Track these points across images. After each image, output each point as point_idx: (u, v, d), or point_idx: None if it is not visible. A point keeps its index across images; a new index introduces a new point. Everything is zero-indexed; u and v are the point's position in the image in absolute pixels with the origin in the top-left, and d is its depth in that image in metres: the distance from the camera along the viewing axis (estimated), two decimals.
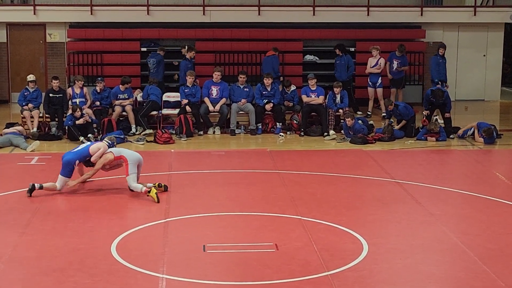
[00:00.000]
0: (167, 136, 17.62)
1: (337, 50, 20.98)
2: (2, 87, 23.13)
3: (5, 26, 22.90)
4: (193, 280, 9.00)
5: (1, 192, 12.98)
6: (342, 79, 20.58)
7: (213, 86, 18.97)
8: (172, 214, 11.66)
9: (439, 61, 20.30)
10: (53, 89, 18.61)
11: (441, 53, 20.40)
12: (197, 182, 13.81)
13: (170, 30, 22.64)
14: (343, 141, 17.76)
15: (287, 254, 9.89)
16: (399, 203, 12.41)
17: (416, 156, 16.38)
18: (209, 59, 22.36)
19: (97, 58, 22.36)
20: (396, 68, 20.84)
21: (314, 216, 11.50)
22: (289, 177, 14.09)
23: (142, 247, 10.18)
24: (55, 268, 9.33)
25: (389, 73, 20.98)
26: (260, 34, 22.74)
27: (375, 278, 9.15)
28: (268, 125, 19.00)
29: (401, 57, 20.91)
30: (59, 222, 11.29)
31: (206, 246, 10.17)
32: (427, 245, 10.29)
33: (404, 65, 21.06)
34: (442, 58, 20.38)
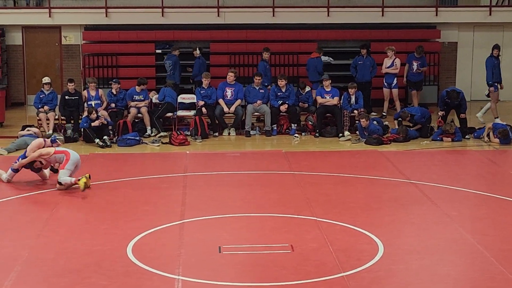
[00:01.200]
0: (183, 137, 17.65)
1: (363, 51, 20.89)
2: (18, 90, 23.24)
3: (20, 29, 23.01)
4: (208, 281, 9.00)
5: (17, 195, 13.04)
6: (365, 80, 20.52)
7: (227, 88, 18.99)
8: (187, 216, 11.68)
9: (494, 62, 20.01)
10: (69, 92, 18.69)
11: (495, 54, 20.10)
12: (212, 183, 13.83)
13: (185, 32, 22.68)
14: (358, 142, 17.73)
15: (302, 255, 9.88)
16: (415, 204, 12.38)
17: (431, 157, 16.33)
18: (224, 61, 22.39)
19: (112, 60, 22.42)
20: (416, 70, 20.79)
21: (329, 217, 11.49)
22: (304, 178, 14.08)
23: (157, 248, 10.20)
24: (71, 270, 9.37)
25: (405, 76, 20.91)
26: (275, 35, 22.74)
27: (391, 279, 9.13)
28: (283, 126, 19.00)
29: (420, 58, 20.88)
30: (75, 224, 11.33)
31: (221, 247, 10.18)
32: (443, 246, 10.26)
33: (424, 66, 21.02)
34: (496, 59, 20.12)
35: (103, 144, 17.25)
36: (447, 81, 23.33)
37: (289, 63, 22.50)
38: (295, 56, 22.41)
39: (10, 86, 23.03)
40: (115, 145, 17.51)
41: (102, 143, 17.25)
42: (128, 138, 17.60)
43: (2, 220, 11.66)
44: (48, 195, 12.94)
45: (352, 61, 21.20)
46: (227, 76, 19.06)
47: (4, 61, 22.87)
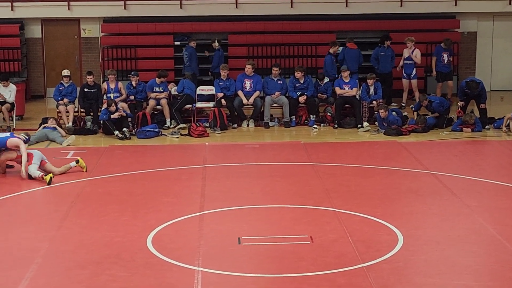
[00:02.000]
0: (202, 129, 17.68)
1: (387, 42, 20.74)
2: (37, 82, 23.34)
3: (40, 21, 23.09)
4: (228, 272, 9.03)
5: (38, 187, 13.11)
6: (387, 71, 20.44)
7: (246, 80, 18.99)
8: (207, 207, 11.70)
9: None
10: (88, 84, 18.76)
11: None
12: (231, 175, 13.85)
13: (203, 24, 22.68)
14: (377, 133, 17.69)
15: (322, 247, 9.89)
16: (435, 194, 12.35)
17: (451, 147, 16.27)
18: (242, 52, 22.38)
19: (131, 52, 22.47)
20: (447, 61, 20.68)
21: (349, 208, 11.48)
22: (323, 169, 14.07)
23: (177, 240, 10.23)
24: (92, 261, 9.42)
25: (434, 69, 20.73)
26: (293, 27, 22.69)
27: (410, 270, 9.12)
28: (302, 118, 18.98)
29: (448, 50, 20.75)
30: (95, 216, 11.39)
31: (241, 238, 10.20)
32: (463, 237, 10.23)
33: (452, 56, 20.92)
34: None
35: (123, 136, 17.30)
36: (466, 71, 23.20)
37: (307, 54, 22.45)
38: (313, 47, 22.35)
39: (30, 79, 23.13)
40: (134, 137, 17.56)
41: (121, 135, 17.30)
42: (147, 130, 17.65)
43: (22, 212, 11.75)
44: (68, 187, 13.01)
45: (373, 52, 21.09)
46: (245, 68, 19.05)
47: (23, 54, 22.97)
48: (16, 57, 22.50)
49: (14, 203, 12.30)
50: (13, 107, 18.88)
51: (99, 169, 14.26)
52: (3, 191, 12.85)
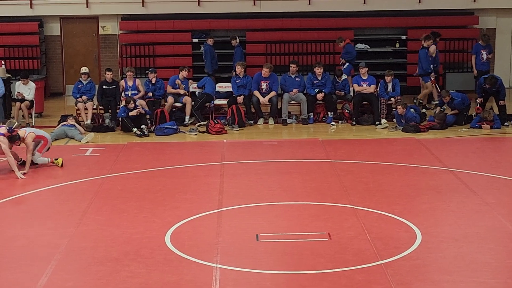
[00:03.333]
0: (220, 126, 17.71)
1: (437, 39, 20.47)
2: (56, 80, 23.45)
3: (58, 19, 23.19)
4: (246, 269, 9.05)
5: (57, 184, 13.19)
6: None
7: (262, 81, 18.91)
8: (225, 204, 11.73)
9: None
10: (107, 81, 18.83)
11: None
12: (249, 172, 13.87)
13: (221, 21, 22.71)
14: (395, 130, 17.66)
15: (340, 243, 9.89)
16: (453, 191, 12.31)
17: (469, 144, 16.22)
18: (260, 49, 22.39)
19: (149, 49, 22.53)
20: (486, 59, 20.42)
21: (367, 205, 11.47)
22: (341, 166, 14.07)
23: (196, 237, 10.27)
24: (111, 258, 9.47)
25: (475, 67, 20.49)
26: (311, 24, 22.68)
27: (429, 267, 9.10)
28: (320, 115, 18.97)
29: (487, 46, 20.52)
30: (114, 213, 11.44)
31: (259, 235, 10.22)
32: (481, 234, 10.20)
33: (491, 53, 20.67)
34: None
35: (141, 133, 17.37)
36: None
37: (325, 51, 22.43)
38: (331, 44, 22.32)
39: (49, 77, 23.25)
40: (153, 134, 17.62)
41: (139, 132, 17.36)
42: (166, 127, 17.69)
43: (42, 209, 11.82)
44: (87, 184, 13.08)
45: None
46: (262, 71, 18.93)
47: (42, 51, 23.09)
48: (35, 54, 22.62)
49: (34, 200, 12.38)
50: (33, 105, 18.99)
51: (117, 166, 14.32)
52: (22, 188, 12.93)
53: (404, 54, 22.52)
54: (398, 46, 22.68)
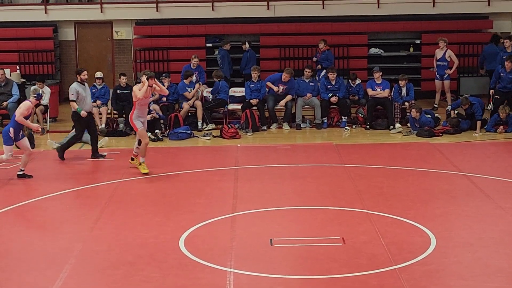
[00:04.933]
0: (233, 131, 17.72)
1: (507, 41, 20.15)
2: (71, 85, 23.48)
3: (73, 24, 23.30)
4: (260, 274, 9.05)
5: (72, 188, 13.23)
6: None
7: (280, 85, 18.90)
8: (239, 209, 11.73)
9: None
10: (121, 86, 18.88)
11: None
12: (263, 176, 13.86)
13: (235, 26, 22.74)
14: (409, 134, 17.62)
15: (354, 248, 9.87)
16: (468, 196, 12.27)
17: (484, 149, 16.16)
18: (274, 54, 22.40)
19: (163, 54, 22.59)
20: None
21: (381, 209, 11.45)
22: (355, 171, 14.05)
23: (209, 241, 10.27)
24: (125, 262, 9.49)
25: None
26: (325, 28, 22.67)
27: (443, 272, 9.07)
28: (334, 119, 18.96)
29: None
30: (128, 217, 11.46)
31: (273, 240, 10.21)
32: (497, 239, 10.16)
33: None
34: None
35: (155, 137, 17.40)
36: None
37: (339, 55, 22.41)
38: (345, 49, 22.32)
39: (63, 81, 23.32)
40: (167, 138, 17.65)
41: (154, 137, 17.39)
42: (180, 132, 17.72)
43: (57, 213, 11.86)
44: (101, 189, 13.11)
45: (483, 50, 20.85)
46: (283, 75, 18.88)
47: (57, 56, 23.19)
48: (49, 59, 22.72)
49: (49, 204, 12.41)
50: (47, 109, 19.07)
51: (131, 171, 14.35)
52: (38, 193, 12.97)
53: (418, 59, 22.48)
54: (412, 50, 22.64)
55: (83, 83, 15.64)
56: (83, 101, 15.46)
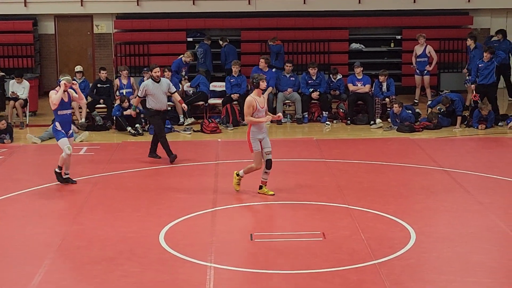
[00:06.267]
0: (214, 125, 17.71)
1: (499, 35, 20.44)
2: (50, 78, 23.37)
3: (53, 18, 23.14)
4: (240, 269, 9.05)
5: (51, 182, 13.15)
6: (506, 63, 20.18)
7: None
8: (219, 203, 11.72)
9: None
10: (101, 79, 18.81)
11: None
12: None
13: (216, 20, 22.68)
14: (389, 130, 17.67)
15: (334, 243, 9.89)
16: (448, 191, 12.33)
17: (464, 144, 16.24)
18: (255, 49, 22.36)
19: (144, 48, 22.49)
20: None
21: (361, 205, 11.48)
22: (336, 166, 14.07)
23: (190, 236, 10.26)
24: (105, 257, 9.46)
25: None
26: (306, 23, 22.65)
27: (423, 267, 9.11)
28: (315, 114, 18.97)
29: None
30: (108, 212, 11.42)
31: (253, 235, 10.22)
32: (476, 234, 10.21)
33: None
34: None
35: (135, 132, 17.35)
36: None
37: (320, 50, 22.41)
38: (326, 44, 22.32)
39: (43, 75, 23.18)
40: (147, 133, 17.59)
41: (134, 131, 17.35)
42: None
43: (36, 208, 11.79)
44: (81, 183, 13.05)
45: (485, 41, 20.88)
46: (259, 63, 18.98)
47: (37, 50, 23.03)
48: (29, 53, 22.56)
49: (28, 198, 12.34)
50: (27, 103, 18.96)
51: (112, 165, 14.30)
52: (17, 187, 12.90)
53: (399, 54, 22.51)
54: (393, 45, 22.67)
55: (156, 80, 14.58)
56: (154, 98, 14.47)
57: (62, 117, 12.93)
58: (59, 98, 12.76)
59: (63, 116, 12.93)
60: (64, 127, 12.92)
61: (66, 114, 12.96)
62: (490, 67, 17.96)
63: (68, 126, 13.01)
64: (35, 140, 16.64)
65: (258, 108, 11.95)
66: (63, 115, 12.93)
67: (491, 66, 17.97)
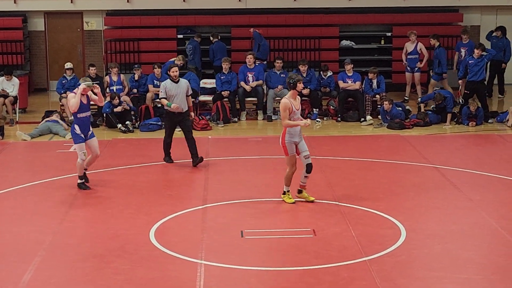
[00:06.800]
0: (204, 122, 17.69)
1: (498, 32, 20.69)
2: (40, 75, 23.34)
3: (43, 14, 23.08)
4: (231, 265, 9.05)
5: (41, 179, 13.13)
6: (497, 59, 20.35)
7: (248, 72, 18.93)
8: (210, 200, 11.72)
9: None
10: (90, 76, 18.77)
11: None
12: (234, 168, 13.85)
13: (206, 17, 22.66)
14: (380, 127, 17.69)
15: (325, 240, 9.90)
16: (438, 188, 12.35)
17: (454, 141, 16.27)
18: (245, 45, 22.34)
19: (134, 45, 22.45)
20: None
21: (352, 201, 11.49)
22: (326, 163, 14.08)
23: (180, 233, 10.26)
24: (96, 254, 9.44)
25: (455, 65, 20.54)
26: (296, 20, 22.66)
27: (413, 264, 9.13)
28: (305, 111, 18.96)
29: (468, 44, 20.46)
30: (99, 209, 11.41)
31: (244, 232, 10.22)
32: (466, 231, 10.24)
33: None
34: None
35: (126, 129, 17.32)
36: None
37: (311, 47, 22.42)
38: (317, 41, 22.32)
39: (33, 72, 23.13)
40: (137, 130, 17.58)
41: (124, 128, 17.32)
42: (150, 123, 17.66)
43: (26, 205, 11.76)
44: (71, 180, 13.01)
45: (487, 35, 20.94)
46: (246, 59, 18.98)
47: (26, 47, 22.97)
48: (19, 50, 22.50)
49: (18, 196, 12.31)
50: (16, 100, 18.91)
51: (102, 162, 14.26)
52: (7, 185, 12.86)
53: (389, 51, 22.55)
54: (383, 43, 22.70)
55: (174, 80, 14.01)
56: (171, 99, 13.88)
57: (81, 120, 12.39)
58: (77, 103, 12.25)
59: (82, 119, 12.42)
60: (83, 130, 12.42)
61: (86, 116, 12.47)
62: (480, 63, 18.00)
63: (87, 128, 12.51)
64: (25, 137, 16.60)
65: (294, 110, 11.54)
66: (82, 118, 12.41)
67: (481, 63, 18.01)
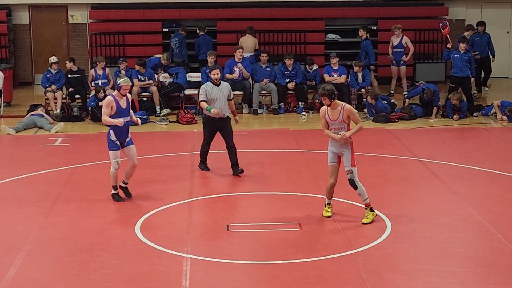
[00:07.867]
0: (190, 116, 17.67)
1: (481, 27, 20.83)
2: (25, 69, 23.23)
3: (27, 8, 22.96)
4: (217, 259, 9.05)
5: (26, 174, 13.08)
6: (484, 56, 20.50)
7: (235, 66, 18.90)
8: (196, 194, 11.71)
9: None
10: (71, 70, 18.70)
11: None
12: (220, 162, 13.83)
13: (192, 11, 22.61)
14: (365, 120, 17.70)
15: (311, 233, 9.91)
16: (423, 182, 12.39)
17: (439, 134, 16.31)
18: (231, 39, 22.31)
19: (119, 39, 22.38)
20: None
21: (337, 195, 11.47)
22: (312, 157, 14.09)
23: (166, 227, 10.24)
24: (81, 249, 9.42)
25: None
26: (282, 13, 22.64)
27: (399, 257, 9.15)
28: (291, 105, 18.98)
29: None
30: (84, 203, 11.36)
31: (229, 225, 10.21)
32: (451, 224, 10.28)
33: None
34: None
35: None
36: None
37: (296, 41, 22.42)
38: (302, 34, 22.32)
39: (18, 66, 23.01)
40: None
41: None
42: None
43: (11, 199, 11.70)
44: (56, 174, 12.98)
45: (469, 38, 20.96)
46: (235, 54, 18.93)
47: (11, 40, 22.85)
48: (3, 43, 22.37)
49: (2, 190, 12.25)
50: (1, 94, 18.80)
51: (87, 156, 14.23)
52: None
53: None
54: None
55: (216, 83, 12.96)
56: (212, 103, 12.89)
57: (118, 126, 11.26)
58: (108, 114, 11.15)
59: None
60: (120, 137, 11.34)
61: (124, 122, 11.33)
62: (464, 58, 18.02)
63: (125, 135, 11.42)
64: (9, 131, 16.52)
65: (328, 120, 10.65)
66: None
67: (466, 58, 18.03)
